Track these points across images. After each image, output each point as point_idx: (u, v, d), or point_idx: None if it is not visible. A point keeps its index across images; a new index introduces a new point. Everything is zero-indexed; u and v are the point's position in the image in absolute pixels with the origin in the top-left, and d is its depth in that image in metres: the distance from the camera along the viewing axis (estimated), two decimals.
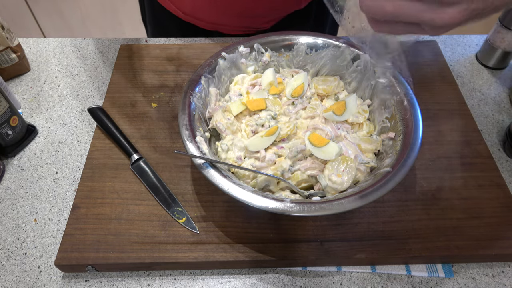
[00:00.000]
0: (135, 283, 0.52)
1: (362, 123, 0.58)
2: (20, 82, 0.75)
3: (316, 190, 0.53)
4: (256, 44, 0.63)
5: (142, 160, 0.61)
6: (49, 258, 0.54)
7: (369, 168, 0.54)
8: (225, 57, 0.62)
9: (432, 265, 0.53)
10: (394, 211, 0.56)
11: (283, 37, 0.64)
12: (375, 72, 0.59)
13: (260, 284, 0.52)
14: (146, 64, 0.74)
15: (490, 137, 0.67)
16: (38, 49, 0.80)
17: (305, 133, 0.56)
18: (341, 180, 0.51)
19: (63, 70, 0.77)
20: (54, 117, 0.69)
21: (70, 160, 0.64)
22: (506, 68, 0.77)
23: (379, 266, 0.53)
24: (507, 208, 0.56)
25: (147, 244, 0.53)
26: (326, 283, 0.52)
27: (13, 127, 0.62)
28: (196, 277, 0.53)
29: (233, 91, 0.62)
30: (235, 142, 0.55)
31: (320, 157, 0.53)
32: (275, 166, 0.53)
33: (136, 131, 0.65)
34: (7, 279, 0.52)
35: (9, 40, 0.71)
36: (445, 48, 0.81)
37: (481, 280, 0.52)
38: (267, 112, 0.58)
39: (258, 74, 0.64)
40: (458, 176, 0.59)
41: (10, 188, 0.61)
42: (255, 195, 0.47)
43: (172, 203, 0.56)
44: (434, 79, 0.73)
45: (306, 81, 0.62)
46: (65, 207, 0.59)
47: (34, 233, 0.56)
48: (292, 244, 0.53)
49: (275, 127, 0.55)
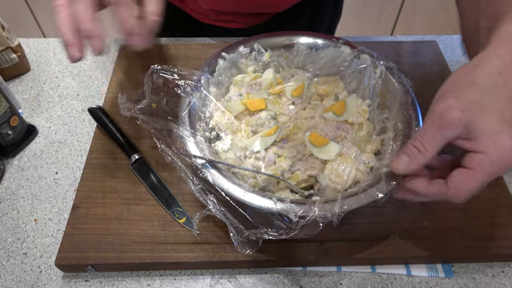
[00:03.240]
0: (135, 283, 0.52)
1: (362, 123, 0.58)
2: (20, 82, 0.75)
3: (316, 190, 0.53)
4: (256, 44, 0.63)
5: (142, 160, 0.61)
6: (49, 258, 0.54)
7: (369, 168, 0.54)
8: (225, 57, 0.62)
9: (432, 265, 0.53)
10: (394, 211, 0.56)
11: (283, 37, 0.64)
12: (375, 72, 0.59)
13: (260, 284, 0.52)
14: (146, 64, 0.74)
15: None
16: (38, 49, 0.80)
17: (305, 133, 0.56)
18: (341, 180, 0.51)
19: (63, 70, 0.77)
20: (54, 117, 0.69)
21: (70, 160, 0.64)
22: None
23: (379, 266, 0.53)
24: (507, 208, 0.56)
25: (147, 244, 0.53)
26: (326, 283, 0.52)
27: (13, 127, 0.62)
28: (196, 277, 0.53)
29: (233, 91, 0.62)
30: (235, 142, 0.55)
31: (320, 157, 0.53)
32: (275, 166, 0.53)
33: (136, 131, 0.65)
34: (7, 279, 0.52)
35: (9, 40, 0.71)
36: (445, 48, 0.80)
37: (481, 280, 0.52)
38: (267, 112, 0.58)
39: (258, 74, 0.64)
40: None
41: (10, 188, 0.61)
42: (255, 195, 0.47)
43: (172, 203, 0.56)
44: (434, 79, 0.73)
45: (306, 81, 0.62)
46: (65, 207, 0.59)
47: (34, 233, 0.56)
48: (292, 244, 0.53)
49: (275, 127, 0.55)
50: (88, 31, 0.44)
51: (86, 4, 0.44)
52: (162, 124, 0.53)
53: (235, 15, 0.81)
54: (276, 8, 0.80)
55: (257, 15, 0.82)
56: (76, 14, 0.44)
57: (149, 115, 0.54)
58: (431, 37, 0.81)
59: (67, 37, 0.44)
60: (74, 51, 0.45)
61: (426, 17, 1.82)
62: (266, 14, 0.82)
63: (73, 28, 0.44)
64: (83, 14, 0.44)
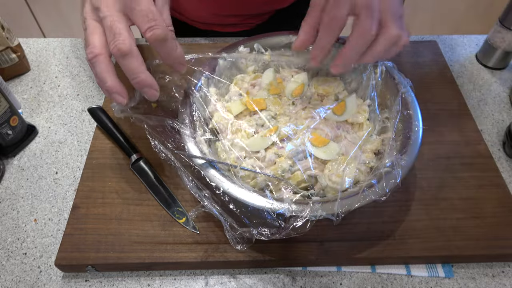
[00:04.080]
0: (135, 283, 0.52)
1: (362, 123, 0.58)
2: (20, 82, 0.75)
3: (316, 190, 0.53)
4: (256, 44, 0.63)
5: (142, 160, 0.61)
6: (49, 258, 0.54)
7: (369, 168, 0.54)
8: (225, 57, 0.62)
9: (432, 265, 0.53)
10: (394, 211, 0.56)
11: (283, 37, 0.63)
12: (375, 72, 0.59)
13: (260, 284, 0.52)
14: (146, 64, 0.74)
15: (490, 137, 0.67)
16: (38, 49, 0.80)
17: (305, 133, 0.56)
18: (341, 180, 0.50)
19: (63, 70, 0.77)
20: (54, 117, 0.69)
21: (70, 160, 0.64)
22: (506, 68, 0.77)
23: (379, 266, 0.53)
24: (507, 208, 0.56)
25: (147, 244, 0.53)
26: (326, 283, 0.52)
27: (13, 127, 0.62)
28: (196, 277, 0.53)
29: (233, 91, 0.62)
30: (235, 142, 0.55)
31: (320, 157, 0.53)
32: (275, 166, 0.53)
33: (136, 131, 0.65)
34: (7, 279, 0.52)
35: (9, 40, 0.71)
36: (445, 48, 0.81)
37: (481, 280, 0.52)
38: (267, 112, 0.58)
39: (258, 74, 0.64)
40: (458, 176, 0.59)
41: (10, 188, 0.61)
42: (255, 195, 0.47)
43: (172, 203, 0.56)
44: (434, 79, 0.73)
45: (306, 81, 0.62)
46: (65, 207, 0.59)
47: (34, 233, 0.56)
48: (292, 244, 0.53)
49: (275, 127, 0.55)
50: (144, 81, 0.46)
51: (137, 56, 0.45)
52: (156, 121, 0.53)
53: (238, 17, 0.81)
54: (281, 3, 0.79)
55: (258, 15, 0.82)
56: (128, 66, 0.45)
57: (142, 113, 0.54)
58: (431, 37, 0.81)
59: (112, 85, 0.46)
60: (120, 98, 0.47)
61: (426, 17, 1.82)
62: (267, 13, 0.82)
63: (116, 78, 0.46)
64: (135, 66, 0.45)
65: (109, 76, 0.45)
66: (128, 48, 0.44)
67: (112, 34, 0.44)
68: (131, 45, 0.44)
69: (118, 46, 0.44)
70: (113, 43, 0.44)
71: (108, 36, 0.45)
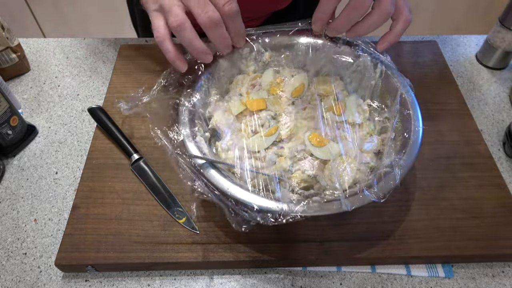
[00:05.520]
0: (135, 283, 0.52)
1: (362, 123, 0.58)
2: (20, 82, 0.75)
3: (316, 190, 0.53)
4: (256, 44, 0.63)
5: (142, 160, 0.61)
6: (49, 258, 0.54)
7: (369, 168, 0.54)
8: (225, 57, 0.62)
9: (432, 265, 0.53)
10: (394, 211, 0.56)
11: (283, 37, 0.63)
12: (374, 72, 0.59)
13: (260, 284, 0.52)
14: (146, 64, 0.74)
15: (490, 137, 0.67)
16: (38, 49, 0.80)
17: (305, 133, 0.56)
18: (341, 180, 0.50)
19: (63, 70, 0.77)
20: (54, 117, 0.69)
21: (70, 160, 0.64)
22: (506, 68, 0.77)
23: (379, 266, 0.53)
24: (507, 208, 0.56)
25: (147, 244, 0.53)
26: (326, 283, 0.52)
27: (13, 127, 0.63)
28: (196, 277, 0.53)
29: (233, 91, 0.62)
30: (235, 142, 0.55)
31: (320, 157, 0.53)
32: (275, 166, 0.53)
33: (136, 131, 0.65)
34: (7, 279, 0.52)
35: (9, 40, 0.71)
36: (445, 48, 0.81)
37: (481, 280, 0.52)
38: (267, 112, 0.58)
39: (258, 74, 0.64)
40: (458, 176, 0.60)
41: (10, 188, 0.61)
42: (255, 195, 0.47)
43: (172, 203, 0.56)
44: (434, 79, 0.73)
45: (306, 81, 0.62)
46: (65, 207, 0.59)
47: (34, 233, 0.56)
48: (292, 244, 0.53)
49: (275, 127, 0.55)
50: (199, 48, 0.54)
51: (191, 29, 0.53)
52: (161, 110, 0.57)
53: None
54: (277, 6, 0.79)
55: (254, 19, 0.83)
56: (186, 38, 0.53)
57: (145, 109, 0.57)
58: (431, 37, 0.82)
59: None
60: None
61: (426, 17, 1.82)
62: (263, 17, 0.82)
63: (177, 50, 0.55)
64: (193, 37, 0.53)
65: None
66: (217, 18, 0.51)
67: (202, 5, 0.50)
68: (219, 15, 0.51)
69: (208, 14, 0.50)
70: (204, 13, 0.50)
71: (194, 8, 0.51)
